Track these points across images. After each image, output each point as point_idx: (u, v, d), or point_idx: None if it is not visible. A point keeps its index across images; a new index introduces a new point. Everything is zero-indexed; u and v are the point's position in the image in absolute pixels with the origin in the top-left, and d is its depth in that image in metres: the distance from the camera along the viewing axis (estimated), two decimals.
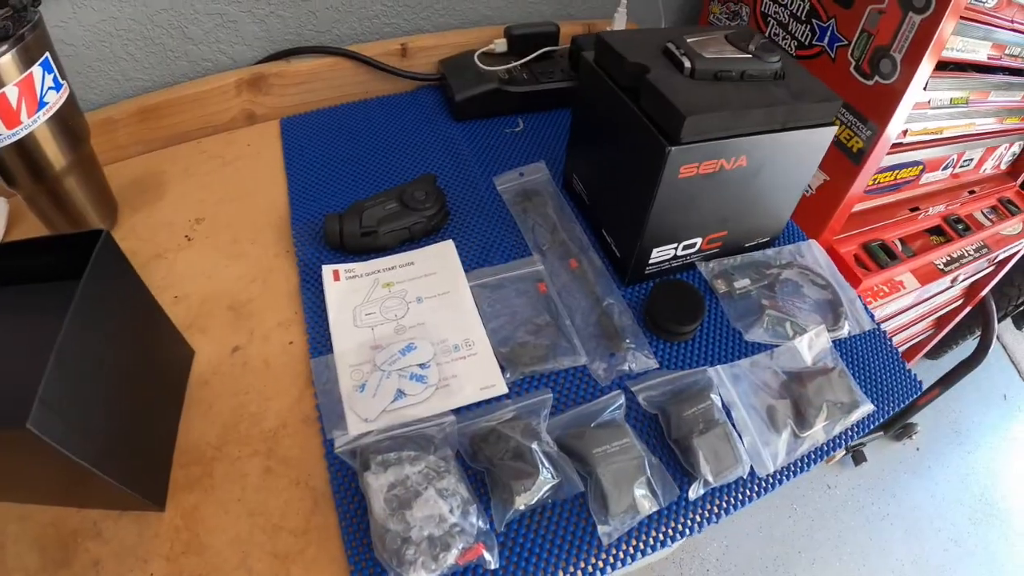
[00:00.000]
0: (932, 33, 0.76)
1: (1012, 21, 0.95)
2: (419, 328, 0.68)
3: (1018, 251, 1.31)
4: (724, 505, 0.60)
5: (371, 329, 0.68)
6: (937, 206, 1.15)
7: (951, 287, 1.28)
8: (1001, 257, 1.29)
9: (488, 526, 0.52)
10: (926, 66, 0.80)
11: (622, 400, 0.62)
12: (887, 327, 1.20)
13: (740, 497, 0.61)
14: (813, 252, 0.82)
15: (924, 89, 0.86)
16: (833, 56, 0.89)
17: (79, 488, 0.50)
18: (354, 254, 0.75)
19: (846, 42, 0.87)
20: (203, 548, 0.50)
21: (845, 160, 0.90)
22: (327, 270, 0.73)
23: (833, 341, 0.74)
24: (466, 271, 0.74)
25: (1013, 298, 1.54)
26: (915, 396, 0.74)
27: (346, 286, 0.72)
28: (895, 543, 1.58)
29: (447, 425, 0.57)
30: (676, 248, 0.73)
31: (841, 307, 0.77)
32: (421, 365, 0.64)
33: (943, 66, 0.93)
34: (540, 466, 0.54)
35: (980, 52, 0.93)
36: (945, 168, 1.12)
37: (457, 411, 0.60)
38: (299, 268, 0.74)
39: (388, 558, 0.48)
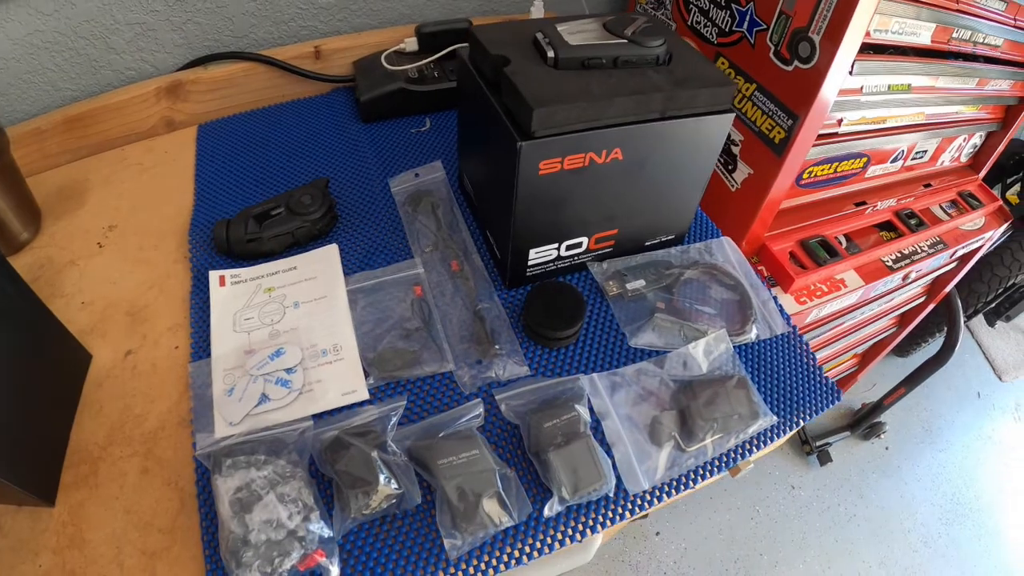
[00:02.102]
0: (850, 11, 0.66)
1: (958, 2, 0.82)
2: (292, 333, 0.63)
3: (981, 246, 1.16)
4: (587, 523, 0.53)
5: (248, 334, 0.64)
6: (888, 200, 1.02)
7: (905, 285, 1.14)
8: (962, 253, 1.15)
9: (331, 534, 0.49)
10: (848, 48, 0.69)
11: (479, 410, 0.56)
12: (836, 326, 1.08)
13: (605, 516, 0.53)
14: (725, 250, 0.72)
15: (851, 74, 0.74)
16: (753, 42, 0.78)
17: None
18: (243, 259, 0.70)
19: (765, 26, 0.76)
20: (84, 543, 0.50)
21: (768, 152, 0.79)
22: (214, 276, 0.68)
23: (738, 346, 0.64)
24: (348, 275, 0.68)
25: (983, 295, 1.39)
26: (835, 402, 0.63)
27: (230, 291, 0.68)
28: (862, 544, 1.44)
29: (303, 430, 0.54)
30: (558, 248, 0.63)
31: (750, 309, 0.66)
32: (287, 370, 0.60)
33: (882, 51, 0.81)
34: (380, 475, 0.50)
35: (922, 35, 0.82)
36: (894, 160, 0.99)
37: (320, 416, 0.56)
38: (192, 274, 0.70)
39: (229, 559, 0.46)
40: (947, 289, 1.26)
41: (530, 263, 0.64)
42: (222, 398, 0.58)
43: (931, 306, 1.31)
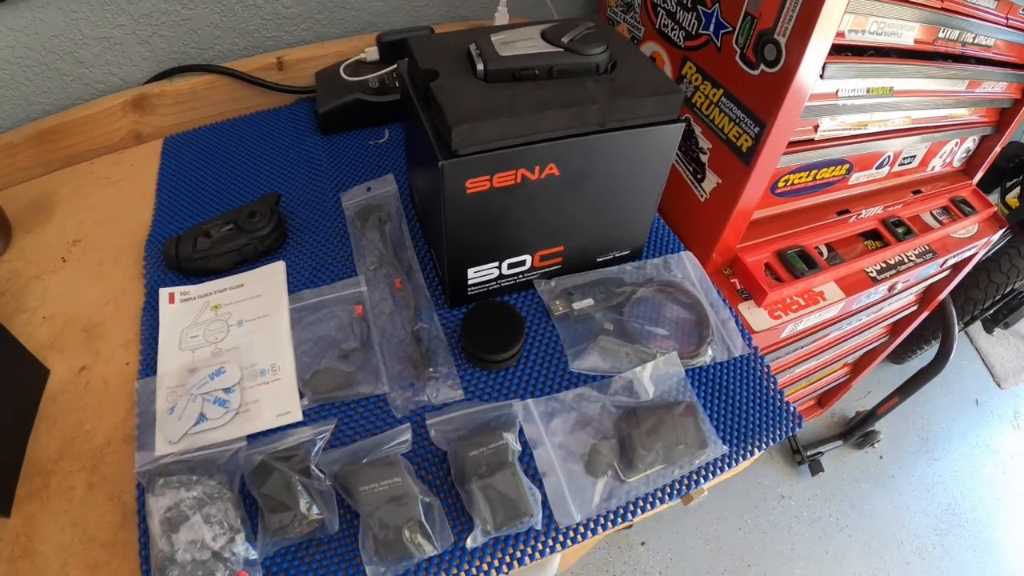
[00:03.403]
0: (817, 11, 0.60)
1: (943, 1, 0.75)
2: (233, 352, 0.61)
3: (975, 254, 1.08)
4: (513, 555, 0.49)
5: (192, 352, 0.62)
6: (873, 208, 0.94)
7: (893, 295, 1.06)
8: (954, 262, 1.07)
9: (256, 556, 0.48)
10: (816, 50, 0.63)
11: (407, 436, 0.52)
12: (820, 338, 1.01)
13: (533, 548, 0.50)
14: (684, 266, 0.67)
15: (821, 78, 0.67)
16: (719, 45, 0.72)
17: None
18: (193, 276, 0.68)
19: (731, 29, 0.70)
20: (35, 553, 0.50)
21: (736, 160, 0.73)
22: (164, 293, 0.66)
23: (692, 370, 0.58)
24: (293, 293, 0.65)
25: (980, 302, 1.29)
26: (796, 430, 0.57)
27: (179, 309, 0.65)
28: (853, 556, 1.37)
29: (236, 451, 0.53)
30: (499, 267, 0.57)
31: (707, 330, 0.60)
32: (226, 389, 0.58)
33: (861, 52, 0.74)
34: (300, 501, 0.48)
35: (904, 36, 0.75)
36: (880, 166, 0.92)
37: (255, 436, 0.55)
38: (146, 290, 0.68)
39: None
40: (940, 297, 1.17)
41: (470, 282, 0.59)
42: (164, 416, 0.56)
43: (924, 314, 1.23)
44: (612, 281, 0.63)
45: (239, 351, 0.60)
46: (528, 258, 0.60)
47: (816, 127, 0.78)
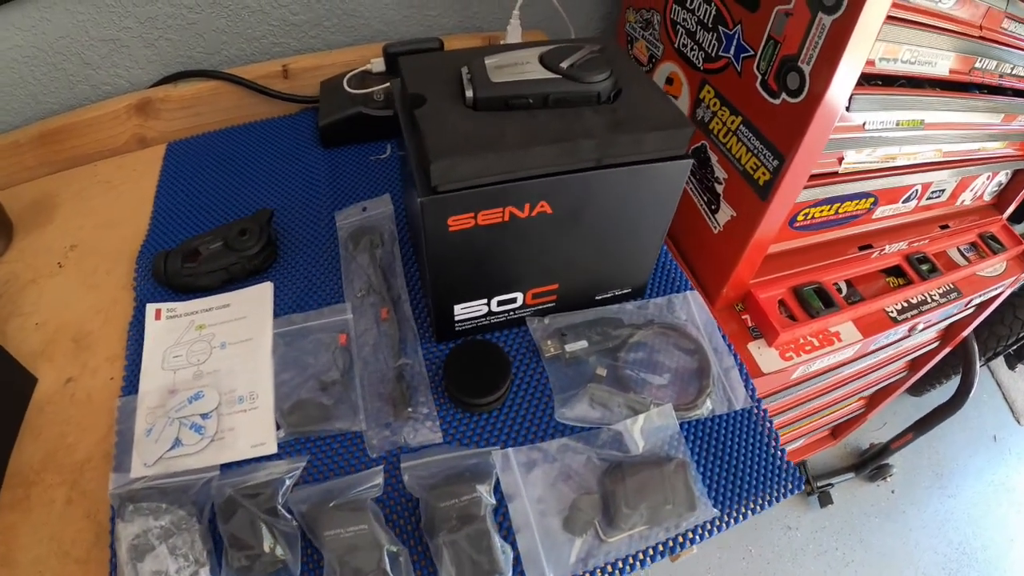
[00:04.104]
0: (845, 38, 0.54)
1: (981, 28, 0.68)
2: (213, 376, 0.59)
3: (1000, 293, 1.00)
4: None
5: (174, 372, 0.60)
6: (898, 243, 0.87)
7: (910, 336, 0.99)
8: (979, 301, 0.99)
9: None
10: (843, 80, 0.58)
11: (378, 480, 0.49)
12: (832, 376, 0.94)
13: None
14: (689, 307, 0.62)
15: (848, 110, 0.62)
16: (739, 69, 0.67)
17: None
18: (180, 292, 0.65)
19: (752, 53, 0.65)
20: (13, 563, 0.49)
21: (752, 194, 0.68)
22: (150, 308, 0.64)
23: (686, 422, 0.53)
24: (278, 316, 0.62)
25: (1004, 338, 1.21)
26: (795, 491, 0.52)
27: (165, 326, 0.63)
28: None
29: (208, 480, 0.51)
30: (488, 304, 0.53)
31: (707, 379, 0.55)
32: (203, 415, 0.56)
33: (891, 82, 0.68)
34: (264, 541, 0.46)
35: (939, 65, 0.68)
36: (907, 200, 0.85)
37: (229, 466, 0.53)
38: (135, 303, 0.66)
39: None
40: (964, 334, 1.10)
41: (457, 318, 0.55)
42: (141, 438, 0.55)
43: (945, 351, 1.15)
44: (610, 321, 0.59)
45: (219, 375, 0.58)
46: (519, 295, 0.55)
47: (840, 159, 0.72)
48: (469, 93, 0.46)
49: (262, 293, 0.63)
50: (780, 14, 0.61)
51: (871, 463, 1.41)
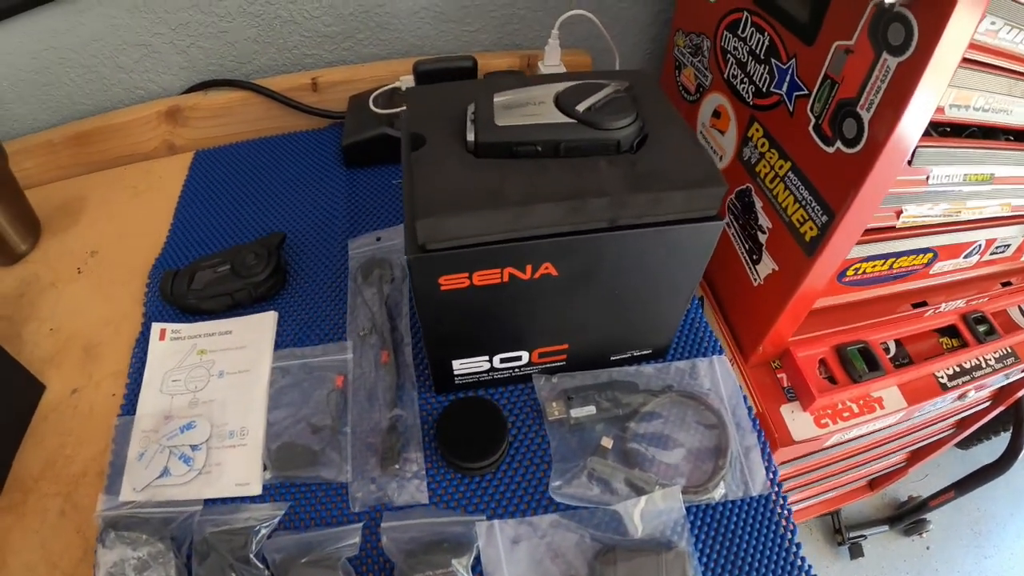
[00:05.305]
0: (913, 84, 0.46)
1: None
2: (208, 405, 0.56)
3: None
4: None
5: (171, 397, 0.58)
6: (955, 301, 0.77)
7: (961, 402, 0.88)
8: None
9: None
10: (908, 131, 0.49)
11: (355, 539, 0.45)
12: (871, 437, 0.85)
13: None
14: (715, 374, 0.55)
15: (909, 163, 0.53)
16: (791, 109, 0.59)
17: None
18: (187, 313, 0.63)
19: (807, 92, 0.57)
20: (4, 565, 0.49)
21: (797, 249, 0.60)
22: (155, 328, 0.62)
23: (695, 506, 0.46)
24: (279, 348, 0.59)
25: None
26: None
27: (168, 347, 0.61)
28: None
29: (190, 515, 0.49)
30: (490, 361, 0.47)
31: (723, 459, 0.48)
32: (193, 446, 0.54)
33: (960, 130, 0.59)
34: None
35: (1015, 113, 0.60)
36: (968, 256, 0.75)
37: (213, 502, 0.51)
38: (143, 320, 0.64)
39: None
40: (1017, 395, 0.98)
41: (457, 372, 0.50)
42: (133, 462, 0.54)
43: (996, 411, 1.03)
44: (624, 385, 0.53)
45: (213, 406, 0.56)
46: (525, 354, 0.50)
47: (899, 213, 0.63)
48: (470, 137, 0.40)
49: (265, 322, 0.61)
50: (839, 51, 0.53)
51: (908, 517, 1.29)
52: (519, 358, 0.50)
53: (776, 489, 0.50)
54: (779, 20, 0.59)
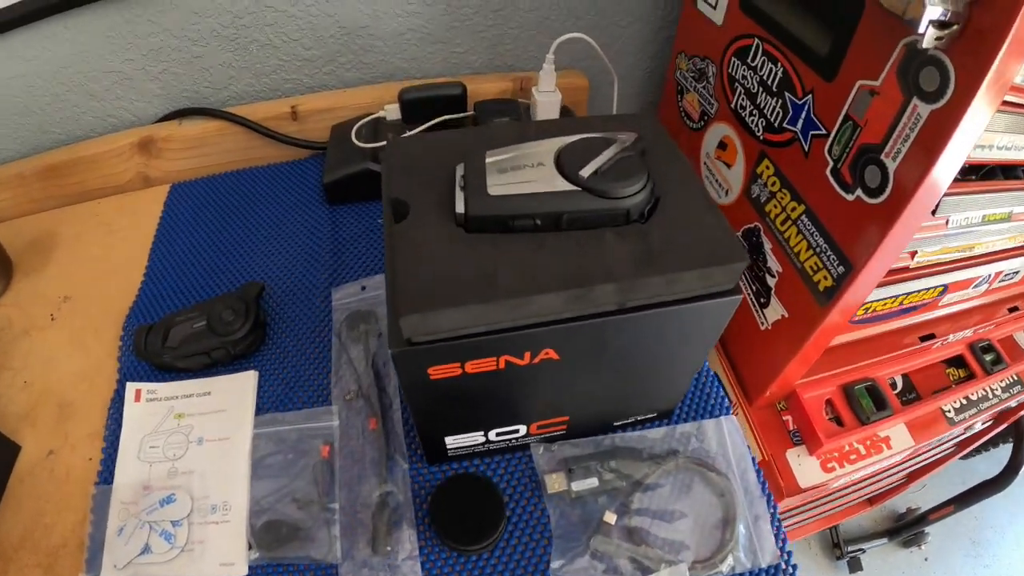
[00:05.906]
0: (947, 135, 0.42)
1: None
2: (187, 476, 0.53)
3: None
4: None
5: (149, 466, 0.54)
6: (963, 331, 0.74)
7: (964, 434, 0.85)
8: None
9: None
10: (937, 183, 0.45)
11: None
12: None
13: None
14: (723, 435, 0.51)
15: (933, 213, 0.49)
16: (806, 148, 0.55)
17: None
18: (162, 371, 0.59)
19: (824, 132, 0.52)
20: None
21: (809, 297, 0.57)
22: (131, 388, 0.58)
23: None
24: (260, 412, 0.55)
25: None
26: None
27: (144, 409, 0.57)
28: None
29: None
30: (485, 434, 0.44)
31: (731, 530, 0.45)
32: (174, 522, 0.50)
33: (976, 171, 0.55)
34: None
35: None
36: (977, 286, 0.71)
37: None
38: (118, 376, 0.60)
39: None
40: (1018, 416, 0.96)
41: (450, 447, 0.46)
42: (113, 537, 0.50)
43: (997, 430, 1.01)
44: (628, 452, 0.49)
45: (193, 477, 0.52)
46: (523, 427, 0.46)
47: (913, 255, 0.59)
48: (460, 208, 0.36)
49: (245, 384, 0.57)
50: (863, 91, 0.48)
51: (906, 530, 1.28)
52: (516, 431, 0.46)
53: (786, 558, 0.47)
54: (794, 51, 0.55)
